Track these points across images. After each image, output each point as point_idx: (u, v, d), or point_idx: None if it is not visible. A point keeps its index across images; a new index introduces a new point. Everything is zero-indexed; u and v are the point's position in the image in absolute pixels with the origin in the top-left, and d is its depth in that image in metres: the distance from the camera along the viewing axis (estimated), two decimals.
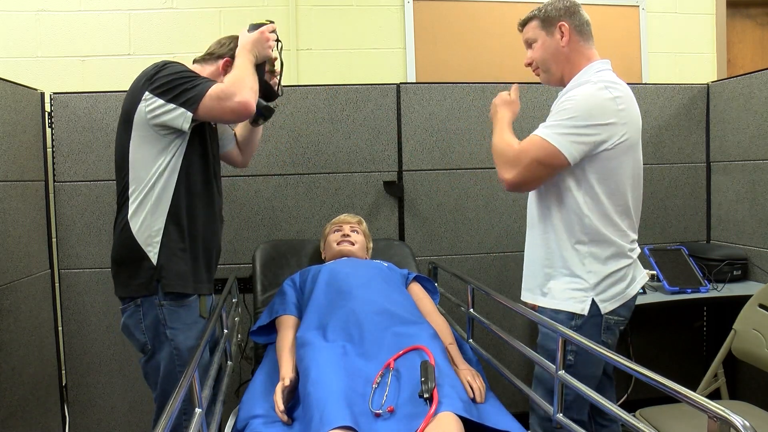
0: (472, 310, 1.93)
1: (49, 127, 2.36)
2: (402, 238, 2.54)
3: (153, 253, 1.50)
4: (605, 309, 1.49)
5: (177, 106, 1.44)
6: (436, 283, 2.17)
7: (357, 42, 2.82)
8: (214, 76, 1.60)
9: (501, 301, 1.66)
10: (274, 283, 2.13)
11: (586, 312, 1.48)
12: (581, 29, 1.56)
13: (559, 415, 1.36)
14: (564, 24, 1.54)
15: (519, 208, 1.70)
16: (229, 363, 1.78)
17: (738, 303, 2.11)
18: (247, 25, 1.63)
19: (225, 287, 1.93)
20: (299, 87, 2.49)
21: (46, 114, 2.35)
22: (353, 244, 2.09)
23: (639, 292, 1.57)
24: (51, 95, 2.35)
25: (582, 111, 1.42)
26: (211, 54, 1.66)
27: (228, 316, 1.83)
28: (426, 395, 1.26)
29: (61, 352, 2.42)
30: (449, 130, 2.55)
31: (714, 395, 2.05)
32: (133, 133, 1.49)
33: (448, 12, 2.85)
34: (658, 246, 2.53)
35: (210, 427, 1.33)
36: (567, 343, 1.37)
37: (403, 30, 2.84)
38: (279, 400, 1.40)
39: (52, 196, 2.38)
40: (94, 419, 2.43)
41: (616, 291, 1.50)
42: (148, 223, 1.50)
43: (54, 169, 2.36)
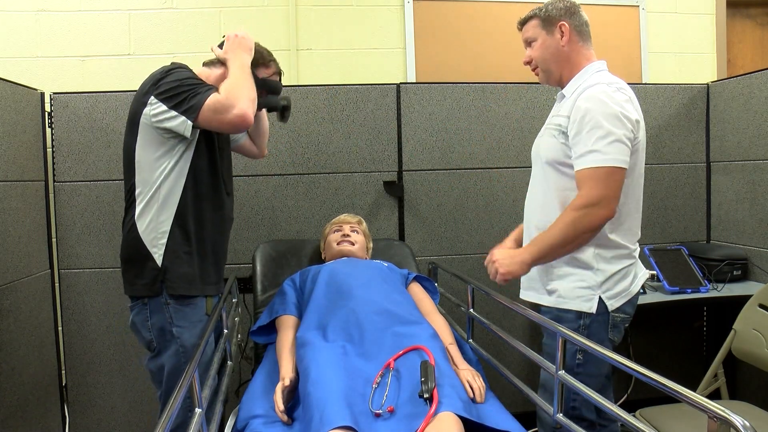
0: (472, 310, 1.93)
1: (49, 127, 2.36)
2: (402, 238, 2.54)
3: (158, 254, 1.52)
4: (612, 306, 1.49)
5: (179, 114, 1.45)
6: (436, 283, 2.17)
7: (357, 42, 2.82)
8: (221, 81, 1.59)
9: (501, 301, 1.66)
10: (274, 283, 2.13)
11: (593, 310, 1.48)
12: (581, 30, 1.57)
13: (559, 415, 1.36)
14: (564, 24, 1.54)
15: (519, 208, 1.70)
16: (229, 363, 1.78)
17: (738, 303, 2.11)
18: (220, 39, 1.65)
19: (225, 287, 1.93)
20: (299, 87, 2.49)
21: (46, 114, 2.35)
22: (353, 244, 2.09)
23: (639, 291, 1.57)
24: (51, 95, 2.35)
25: (611, 118, 1.40)
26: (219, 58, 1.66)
27: (228, 316, 1.83)
28: (426, 395, 1.26)
29: (61, 352, 2.42)
30: (449, 130, 2.55)
31: (714, 395, 2.05)
32: (139, 135, 1.51)
33: (448, 12, 2.84)
34: (658, 246, 2.53)
35: (210, 427, 1.33)
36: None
37: (403, 30, 2.84)
38: (279, 400, 1.40)
39: (52, 196, 2.38)
40: (94, 419, 2.43)
41: (622, 288, 1.50)
42: (154, 225, 1.52)
43: (54, 169, 2.36)
